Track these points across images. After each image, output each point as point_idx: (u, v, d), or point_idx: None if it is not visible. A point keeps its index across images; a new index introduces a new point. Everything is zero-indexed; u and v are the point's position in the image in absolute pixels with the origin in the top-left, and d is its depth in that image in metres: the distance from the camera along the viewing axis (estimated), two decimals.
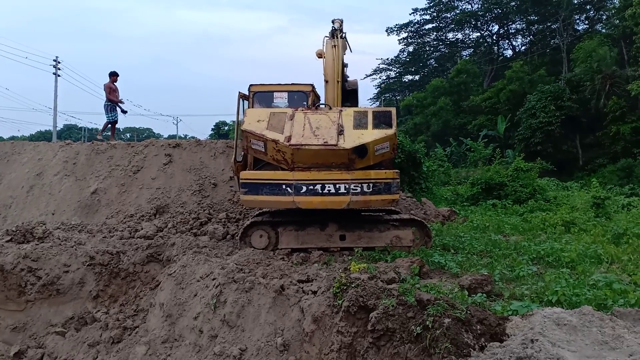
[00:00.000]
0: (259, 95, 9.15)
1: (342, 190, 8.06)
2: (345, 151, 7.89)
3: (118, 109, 15.98)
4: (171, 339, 6.95)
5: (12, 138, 64.24)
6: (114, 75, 15.79)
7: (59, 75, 46.53)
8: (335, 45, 9.43)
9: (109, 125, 16.39)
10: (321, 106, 8.76)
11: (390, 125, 8.24)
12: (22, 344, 8.13)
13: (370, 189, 8.15)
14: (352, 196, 8.06)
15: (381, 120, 8.29)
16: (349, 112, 8.38)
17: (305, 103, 9.14)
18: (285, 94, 9.14)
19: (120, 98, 15.88)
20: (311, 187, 8.02)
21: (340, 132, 8.00)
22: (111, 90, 15.65)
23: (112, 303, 8.58)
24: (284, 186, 8.05)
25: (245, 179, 8.25)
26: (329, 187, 8.03)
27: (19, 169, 14.02)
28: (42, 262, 8.56)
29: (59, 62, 46.76)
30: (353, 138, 7.98)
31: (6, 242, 9.23)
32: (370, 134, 8.09)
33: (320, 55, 9.67)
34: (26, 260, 8.51)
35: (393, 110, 8.61)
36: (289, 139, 7.80)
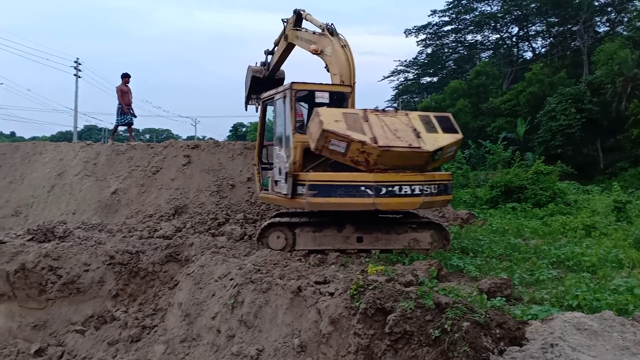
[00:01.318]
0: (300, 94, 8.93)
1: (417, 191, 8.10)
2: (427, 153, 7.97)
3: (131, 110, 16.00)
4: (189, 338, 7.00)
5: (34, 138, 65.23)
6: (125, 77, 15.77)
7: (79, 77, 47.20)
8: (345, 45, 9.37)
9: (125, 128, 16.51)
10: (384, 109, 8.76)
11: (455, 130, 8.48)
12: (43, 341, 8.25)
13: (436, 190, 8.31)
14: (424, 197, 8.14)
15: (444, 124, 8.47)
16: (415, 116, 8.48)
17: (345, 103, 9.08)
18: (327, 94, 9.03)
19: (129, 101, 15.83)
20: (390, 188, 7.93)
21: (418, 135, 8.05)
22: (123, 93, 15.66)
23: (132, 302, 8.66)
24: (363, 188, 7.86)
25: (315, 181, 7.95)
26: (405, 188, 8.01)
27: (41, 168, 14.24)
28: (62, 261, 8.68)
29: (80, 64, 47.42)
30: (431, 141, 8.06)
31: (28, 241, 9.38)
32: (444, 138, 8.23)
33: (316, 51, 9.64)
34: (47, 259, 8.63)
35: (450, 115, 8.83)
36: (375, 140, 7.65)
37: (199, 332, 6.99)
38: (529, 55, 52.46)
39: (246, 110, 14.43)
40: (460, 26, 53.61)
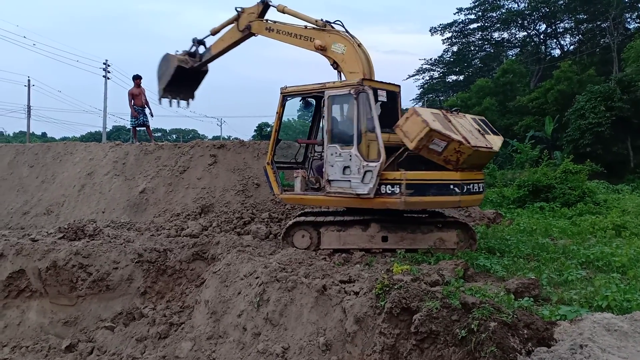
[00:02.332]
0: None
1: (481, 189, 8.58)
2: (494, 153, 8.54)
3: (148, 110, 16.16)
4: (216, 335, 7.07)
5: (64, 139, 66.39)
6: (136, 79, 15.87)
7: (108, 78, 47.98)
8: (360, 44, 9.27)
9: (144, 128, 16.77)
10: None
11: (497, 132, 9.01)
12: (73, 337, 8.41)
13: (484, 188, 8.83)
14: (483, 194, 8.68)
15: (488, 126, 8.97)
16: (469, 117, 8.86)
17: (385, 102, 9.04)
18: (385, 92, 9.03)
19: (142, 102, 15.99)
20: (469, 186, 8.31)
21: (483, 135, 8.46)
22: (134, 97, 15.83)
23: (159, 299, 8.78)
24: (452, 186, 8.15)
25: (412, 180, 8.10)
26: (476, 186, 8.45)
27: (71, 168, 14.51)
28: (92, 258, 8.83)
29: (109, 65, 48.20)
30: (493, 142, 8.50)
31: (59, 239, 9.57)
32: (497, 139, 8.75)
33: (321, 47, 9.35)
34: (78, 257, 8.79)
35: (484, 118, 9.32)
36: (467, 140, 7.90)
37: (225, 330, 7.06)
38: (557, 52, 51.64)
39: (160, 103, 13.40)
40: (486, 24, 52.95)
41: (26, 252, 8.96)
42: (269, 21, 10.46)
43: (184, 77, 12.34)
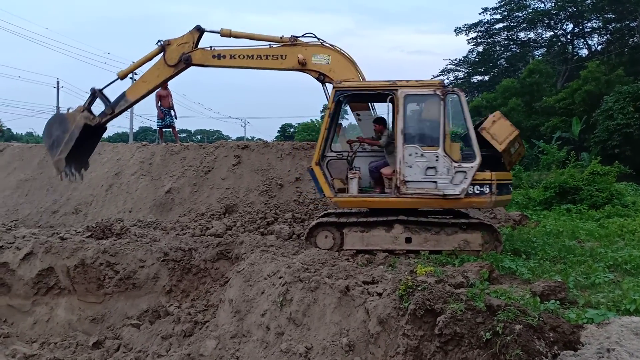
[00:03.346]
0: None
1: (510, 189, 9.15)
2: None
3: (172, 112, 16.30)
4: (239, 334, 7.12)
5: None
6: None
7: (135, 80, 48.59)
8: (341, 51, 9.19)
9: (170, 130, 16.97)
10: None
11: None
12: (100, 334, 8.55)
13: None
14: None
15: None
16: None
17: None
18: None
19: (169, 104, 16.13)
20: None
21: None
22: (161, 98, 15.95)
23: (184, 298, 8.88)
24: (509, 186, 8.94)
25: (499, 181, 8.50)
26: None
27: (99, 168, 14.75)
28: (119, 257, 8.98)
29: None
30: None
31: (87, 237, 9.75)
32: None
33: (304, 60, 9.06)
34: (105, 255, 8.95)
35: None
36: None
37: (248, 329, 7.10)
38: (584, 52, 50.79)
39: (62, 179, 10.84)
40: (512, 24, 52.33)
41: (55, 250, 9.14)
42: (214, 48, 9.51)
43: (81, 139, 10.20)
